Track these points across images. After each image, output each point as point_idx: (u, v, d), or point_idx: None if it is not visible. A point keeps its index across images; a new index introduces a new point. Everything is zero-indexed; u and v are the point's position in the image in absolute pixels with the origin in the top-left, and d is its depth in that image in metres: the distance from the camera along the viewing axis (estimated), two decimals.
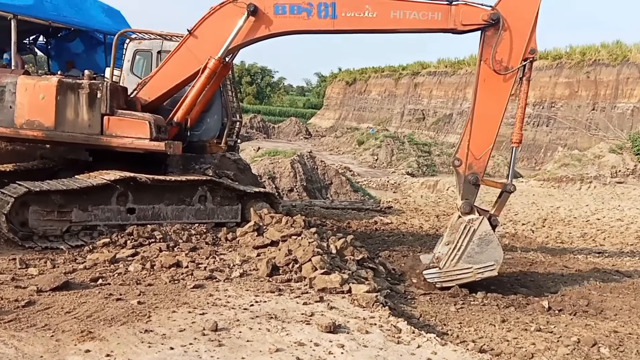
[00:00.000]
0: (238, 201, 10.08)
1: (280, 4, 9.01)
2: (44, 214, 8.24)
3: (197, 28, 9.45)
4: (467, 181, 8.93)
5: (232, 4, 9.18)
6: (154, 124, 9.16)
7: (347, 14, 8.87)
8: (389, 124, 60.05)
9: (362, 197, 21.48)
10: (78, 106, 9.17)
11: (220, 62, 9.39)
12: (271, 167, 20.71)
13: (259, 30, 9.20)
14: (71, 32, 16.38)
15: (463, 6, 8.78)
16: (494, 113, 8.88)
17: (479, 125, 8.91)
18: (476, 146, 8.90)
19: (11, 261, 7.30)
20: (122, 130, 9.20)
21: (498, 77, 8.74)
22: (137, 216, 9.03)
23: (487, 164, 9.01)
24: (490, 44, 8.72)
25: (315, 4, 8.87)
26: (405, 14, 8.82)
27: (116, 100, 9.33)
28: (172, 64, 9.66)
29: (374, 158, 39.33)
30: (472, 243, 8.73)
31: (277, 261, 7.68)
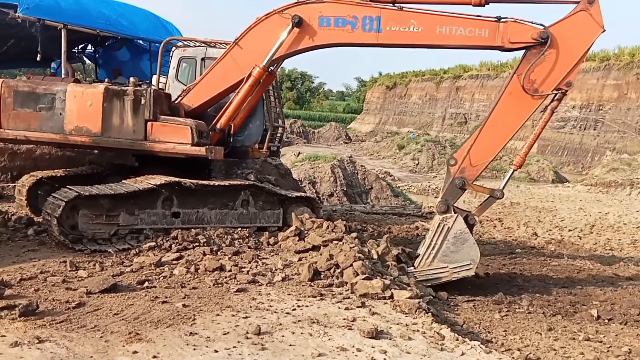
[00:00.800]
0: (279, 206, 10.16)
1: (325, 16, 9.02)
2: (93, 217, 8.46)
3: (242, 38, 9.55)
4: (454, 183, 8.82)
5: (278, 15, 9.24)
6: (195, 130, 9.30)
7: (392, 28, 8.83)
8: (430, 128, 59.56)
9: (403, 202, 21.33)
10: (123, 112, 9.37)
11: (265, 70, 9.47)
12: (311, 172, 20.77)
13: (302, 42, 9.25)
14: (118, 40, 16.83)
15: (512, 23, 8.62)
16: (506, 128, 8.74)
17: (488, 134, 8.80)
18: (476, 153, 8.79)
19: (62, 263, 7.50)
20: (165, 135, 9.37)
21: (525, 95, 8.59)
22: (182, 220, 9.19)
23: (479, 174, 8.89)
24: (530, 60, 8.57)
25: (360, 17, 8.86)
26: (452, 30, 8.72)
27: (159, 107, 9.50)
28: (216, 72, 9.80)
29: (414, 162, 39.03)
30: (447, 242, 8.65)
31: (319, 266, 7.71)
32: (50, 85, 9.59)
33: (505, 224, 16.21)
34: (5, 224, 9.34)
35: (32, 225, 9.38)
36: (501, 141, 8.79)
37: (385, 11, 8.84)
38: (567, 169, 40.63)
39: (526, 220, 16.58)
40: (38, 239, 8.80)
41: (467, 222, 8.82)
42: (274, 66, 10.02)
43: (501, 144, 8.81)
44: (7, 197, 11.61)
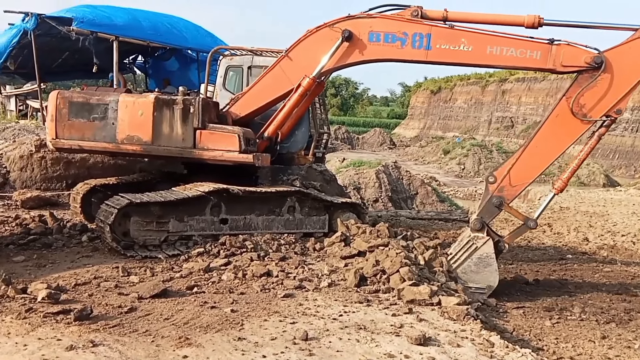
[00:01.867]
0: (325, 212, 10.20)
1: (375, 32, 9.03)
2: (144, 224, 8.66)
3: (292, 50, 9.63)
4: (491, 202, 8.74)
5: (329, 28, 9.28)
6: (243, 137, 9.42)
7: (442, 46, 8.77)
8: (476, 133, 58.72)
9: (449, 208, 21.13)
10: (173, 121, 9.53)
11: (314, 81, 9.53)
12: (356, 178, 20.80)
13: (352, 56, 9.27)
14: (167, 51, 17.35)
15: (565, 46, 8.45)
16: (550, 151, 8.59)
17: (531, 155, 8.65)
18: (517, 174, 8.66)
19: (114, 269, 7.70)
20: (213, 143, 9.49)
21: (572, 119, 8.41)
22: (230, 226, 9.32)
23: (517, 195, 8.78)
24: (581, 84, 8.38)
25: (411, 34, 8.83)
26: (502, 50, 8.60)
27: (208, 115, 9.66)
28: (265, 82, 9.91)
29: (460, 167, 38.60)
30: (470, 260, 8.58)
31: (365, 272, 7.69)
32: (103, 96, 9.85)
33: (554, 229, 15.84)
34: (61, 231, 9.66)
35: (86, 232, 9.66)
36: (543, 164, 8.65)
37: (436, 29, 8.79)
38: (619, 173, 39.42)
39: (577, 225, 16.15)
40: (92, 245, 9.06)
41: (496, 247, 8.75)
42: (323, 77, 10.09)
43: (543, 166, 8.66)
44: (63, 204, 12.02)
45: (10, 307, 6.03)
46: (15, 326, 5.49)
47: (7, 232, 9.53)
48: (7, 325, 5.51)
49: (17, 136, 14.20)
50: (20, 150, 12.93)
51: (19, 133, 14.46)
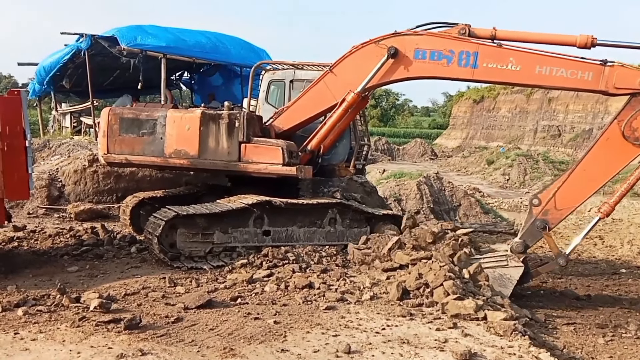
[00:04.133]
0: (366, 223, 10.26)
1: (421, 49, 9.01)
2: (190, 236, 8.90)
3: (337, 65, 9.73)
4: (535, 224, 8.59)
5: (374, 45, 9.33)
6: (286, 150, 9.57)
7: (489, 65, 8.68)
8: (521, 142, 57.55)
9: (493, 220, 20.79)
10: (218, 135, 9.76)
11: (359, 96, 9.60)
12: (397, 189, 20.70)
13: (396, 73, 9.28)
14: (211, 67, 17.79)
15: (619, 68, 8.25)
16: (599, 175, 8.38)
17: (578, 179, 8.46)
18: (563, 197, 8.48)
19: (161, 280, 7.94)
20: (258, 156, 9.68)
21: (624, 143, 8.22)
22: (272, 238, 9.49)
23: (563, 219, 8.61)
24: (635, 107, 8.18)
25: (457, 52, 8.77)
26: (552, 71, 8.45)
27: (252, 129, 9.85)
28: (309, 97, 10.04)
29: (505, 178, 37.88)
30: (494, 271, 8.45)
31: (408, 285, 7.66)
32: (152, 112, 10.21)
33: (606, 242, 15.40)
34: (111, 242, 10.02)
35: (134, 243, 10.01)
36: (591, 188, 8.45)
37: (483, 47, 8.72)
38: None
39: (630, 238, 15.65)
40: (140, 256, 9.36)
41: (523, 276, 8.66)
42: (367, 93, 10.15)
43: (591, 191, 8.47)
44: (113, 216, 12.45)
45: (65, 316, 6.34)
46: (69, 334, 5.75)
47: (62, 244, 9.94)
48: (62, 333, 5.77)
49: (71, 151, 14.78)
50: (75, 165, 13.47)
51: (73, 148, 15.04)
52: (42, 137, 18.07)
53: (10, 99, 8.02)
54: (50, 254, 9.34)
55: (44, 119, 21.66)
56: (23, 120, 7.99)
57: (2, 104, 7.91)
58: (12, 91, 8.26)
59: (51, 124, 21.26)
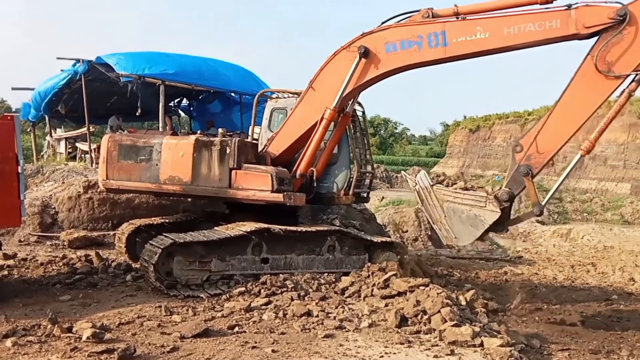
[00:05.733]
0: (365, 251, 10.17)
1: (391, 42, 9.07)
2: (187, 263, 8.80)
3: (314, 80, 9.76)
4: (519, 171, 8.38)
5: (345, 51, 9.40)
6: (275, 177, 9.55)
7: (459, 39, 8.68)
8: None
9: (489, 247, 20.76)
10: (211, 162, 9.84)
11: (336, 111, 9.59)
12: (395, 217, 20.71)
13: (371, 71, 9.31)
14: (210, 94, 17.89)
15: (584, 8, 8.15)
16: (578, 113, 8.18)
17: (558, 119, 8.27)
18: (544, 140, 8.29)
19: (157, 308, 7.80)
20: (247, 183, 9.70)
21: (599, 77, 8.04)
22: (271, 266, 9.39)
23: (546, 164, 8.38)
24: (606, 39, 8.00)
25: (425, 36, 8.81)
26: (520, 28, 8.38)
27: (244, 155, 9.88)
28: (294, 117, 10.04)
29: None
30: (466, 210, 8.38)
31: (406, 312, 7.60)
32: (149, 139, 10.31)
33: (599, 269, 15.42)
34: (106, 270, 9.92)
35: (130, 271, 9.90)
36: (572, 127, 8.23)
37: (449, 24, 8.76)
38: None
39: (622, 264, 15.70)
40: (135, 284, 9.25)
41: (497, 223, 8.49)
42: (347, 106, 10.11)
43: (572, 130, 8.24)
44: (108, 244, 12.34)
45: (56, 346, 6.21)
46: None
47: (55, 272, 9.83)
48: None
49: (66, 178, 14.70)
50: (69, 191, 13.39)
51: (67, 175, 14.97)
52: (35, 163, 18.03)
53: (3, 124, 8.01)
54: (42, 283, 9.23)
55: (38, 144, 21.64)
56: (16, 145, 7.95)
57: None
58: (5, 116, 8.25)
59: (45, 150, 21.23)
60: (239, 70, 17.23)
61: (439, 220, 8.77)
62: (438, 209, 8.77)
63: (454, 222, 8.55)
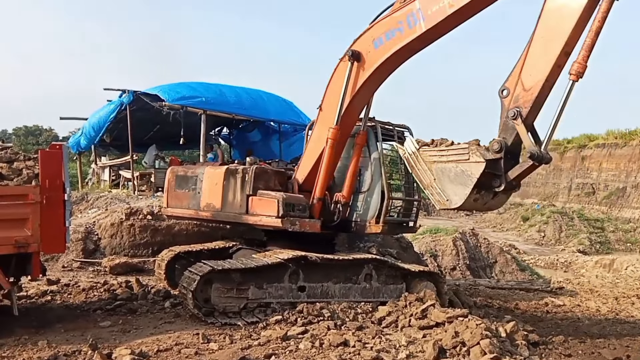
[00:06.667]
0: (402, 280, 10.08)
1: (378, 37, 9.06)
2: (225, 291, 8.84)
3: (322, 100, 9.87)
4: (508, 116, 7.77)
5: (341, 62, 9.47)
6: (282, 202, 9.65)
7: (433, 9, 8.40)
8: (555, 199, 56.78)
9: (529, 277, 20.37)
10: (235, 189, 10.21)
11: (338, 130, 9.59)
12: (433, 245, 20.52)
13: (364, 71, 9.28)
14: (250, 123, 18.21)
15: None
16: (558, 32, 7.46)
17: (537, 48, 7.62)
18: (528, 74, 7.68)
19: (195, 336, 7.86)
20: (259, 208, 9.93)
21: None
22: (307, 294, 9.37)
23: (536, 101, 7.59)
24: None
25: (404, 19, 8.72)
26: None
27: (264, 182, 10.14)
28: (312, 140, 10.16)
29: (540, 235, 37.28)
30: (453, 168, 7.93)
31: (444, 343, 7.50)
32: (195, 169, 10.96)
33: None
34: (145, 297, 10.04)
35: (169, 298, 9.99)
36: (553, 51, 7.51)
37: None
38: None
39: None
40: (174, 311, 9.32)
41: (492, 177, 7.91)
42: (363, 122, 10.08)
43: (554, 54, 7.50)
44: (147, 270, 12.52)
45: None
46: None
47: (96, 298, 10.00)
48: None
49: (109, 205, 15.04)
50: (112, 218, 13.70)
51: (111, 202, 15.31)
52: (80, 190, 18.47)
53: (52, 153, 8.23)
54: (83, 309, 9.39)
55: (83, 171, 22.23)
56: (63, 174, 8.16)
57: (44, 158, 8.10)
58: (53, 145, 8.44)
59: (90, 177, 21.80)
60: (278, 100, 17.51)
61: (429, 184, 8.32)
62: (427, 172, 8.35)
63: (444, 183, 8.10)
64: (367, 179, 10.35)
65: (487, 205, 8.58)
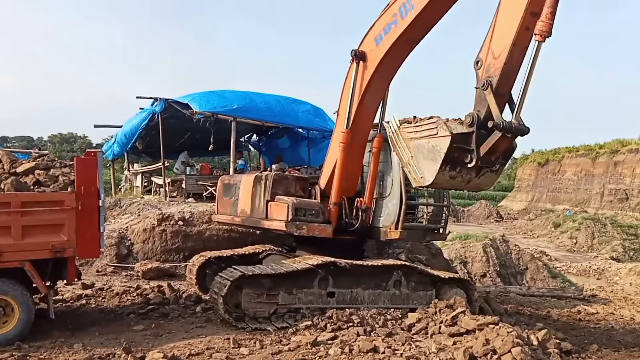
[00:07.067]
0: (432, 287, 10.04)
1: (378, 34, 9.12)
2: (255, 296, 8.92)
3: (339, 105, 9.94)
4: (481, 87, 7.53)
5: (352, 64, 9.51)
6: (292, 207, 9.82)
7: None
8: (588, 205, 55.82)
9: (561, 284, 20.04)
10: (260, 195, 10.52)
11: (349, 133, 9.63)
12: (462, 252, 20.32)
13: (368, 68, 9.32)
14: (279, 129, 18.34)
15: None
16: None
17: (503, 9, 7.41)
18: (496, 39, 7.44)
19: (226, 340, 7.96)
20: (274, 213, 10.19)
21: None
22: (337, 300, 9.41)
23: (505, 68, 7.33)
24: None
25: (397, 11, 8.74)
26: None
27: (283, 188, 10.36)
28: (330, 146, 10.26)
29: (572, 242, 36.59)
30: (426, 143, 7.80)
31: (475, 351, 7.43)
32: (237, 177, 11.51)
33: None
34: (177, 301, 10.21)
35: (200, 303, 10.15)
36: (518, 12, 7.26)
37: None
38: None
39: None
40: (205, 316, 9.47)
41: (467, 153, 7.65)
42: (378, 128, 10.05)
43: (517, 19, 7.26)
44: (179, 275, 12.69)
45: None
46: None
47: (129, 302, 10.20)
48: None
49: (141, 210, 15.26)
50: (144, 223, 13.91)
51: (143, 207, 15.53)
52: (113, 196, 18.80)
53: (87, 160, 8.45)
54: (117, 312, 9.59)
55: (116, 178, 22.61)
56: (98, 180, 8.36)
57: (79, 165, 8.32)
58: (88, 152, 8.65)
59: (123, 183, 22.17)
60: (306, 107, 17.59)
61: (407, 162, 8.15)
62: (406, 150, 8.19)
63: (419, 160, 7.94)
64: (389, 184, 10.24)
65: (472, 184, 8.28)
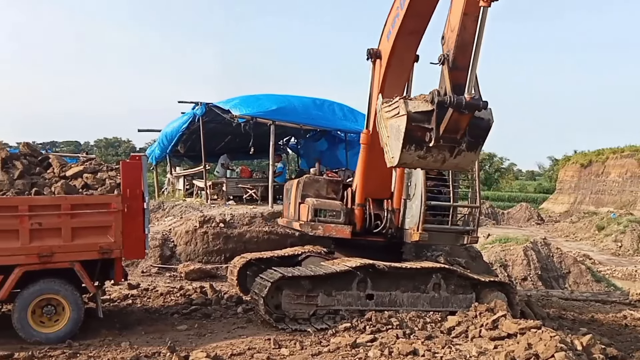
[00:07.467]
0: (472, 290, 9.96)
1: (388, 30, 9.18)
2: (295, 297, 9.04)
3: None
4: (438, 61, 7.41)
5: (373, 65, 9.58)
6: (311, 208, 10.17)
7: None
8: (633, 208, 54.23)
9: (606, 288, 19.61)
10: (294, 198, 10.97)
11: (368, 133, 9.74)
12: (502, 255, 20.10)
13: (384, 63, 9.32)
14: (317, 132, 18.44)
15: None
16: None
17: None
18: (453, 13, 7.32)
19: (267, 341, 8.08)
20: (301, 214, 10.57)
21: None
22: (376, 302, 9.44)
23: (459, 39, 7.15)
24: None
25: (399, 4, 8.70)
26: None
27: (314, 190, 10.75)
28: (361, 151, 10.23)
29: (617, 245, 35.68)
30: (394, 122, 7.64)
31: (516, 355, 7.39)
32: (293, 182, 11.74)
33: None
34: (219, 302, 10.39)
35: (241, 304, 10.32)
36: None
37: None
38: None
39: None
40: (246, 316, 9.62)
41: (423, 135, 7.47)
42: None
43: None
44: (220, 276, 12.92)
45: None
46: None
47: (173, 302, 10.44)
48: None
49: (183, 213, 15.56)
50: (186, 226, 14.21)
51: (185, 210, 15.83)
52: (157, 199, 19.19)
53: (132, 163, 8.67)
54: (162, 312, 9.83)
55: (159, 181, 23.09)
56: (142, 183, 8.59)
57: (125, 168, 8.56)
58: (133, 156, 8.87)
59: (166, 186, 22.62)
60: (344, 109, 17.65)
61: (384, 142, 7.96)
62: (385, 130, 7.98)
63: (391, 140, 7.78)
64: (414, 185, 10.21)
65: (449, 163, 7.99)
